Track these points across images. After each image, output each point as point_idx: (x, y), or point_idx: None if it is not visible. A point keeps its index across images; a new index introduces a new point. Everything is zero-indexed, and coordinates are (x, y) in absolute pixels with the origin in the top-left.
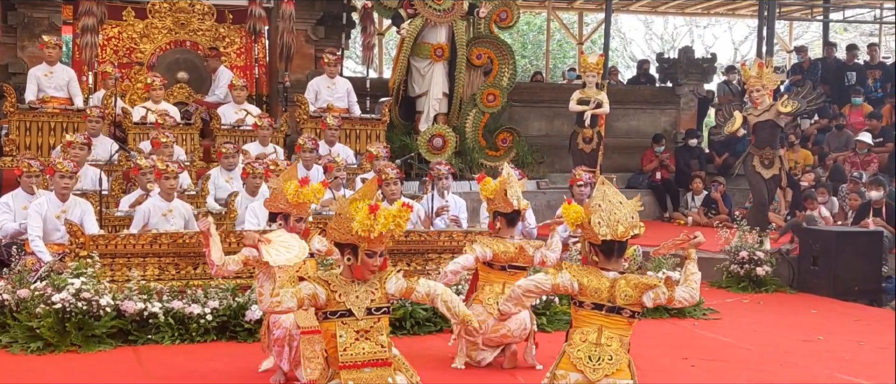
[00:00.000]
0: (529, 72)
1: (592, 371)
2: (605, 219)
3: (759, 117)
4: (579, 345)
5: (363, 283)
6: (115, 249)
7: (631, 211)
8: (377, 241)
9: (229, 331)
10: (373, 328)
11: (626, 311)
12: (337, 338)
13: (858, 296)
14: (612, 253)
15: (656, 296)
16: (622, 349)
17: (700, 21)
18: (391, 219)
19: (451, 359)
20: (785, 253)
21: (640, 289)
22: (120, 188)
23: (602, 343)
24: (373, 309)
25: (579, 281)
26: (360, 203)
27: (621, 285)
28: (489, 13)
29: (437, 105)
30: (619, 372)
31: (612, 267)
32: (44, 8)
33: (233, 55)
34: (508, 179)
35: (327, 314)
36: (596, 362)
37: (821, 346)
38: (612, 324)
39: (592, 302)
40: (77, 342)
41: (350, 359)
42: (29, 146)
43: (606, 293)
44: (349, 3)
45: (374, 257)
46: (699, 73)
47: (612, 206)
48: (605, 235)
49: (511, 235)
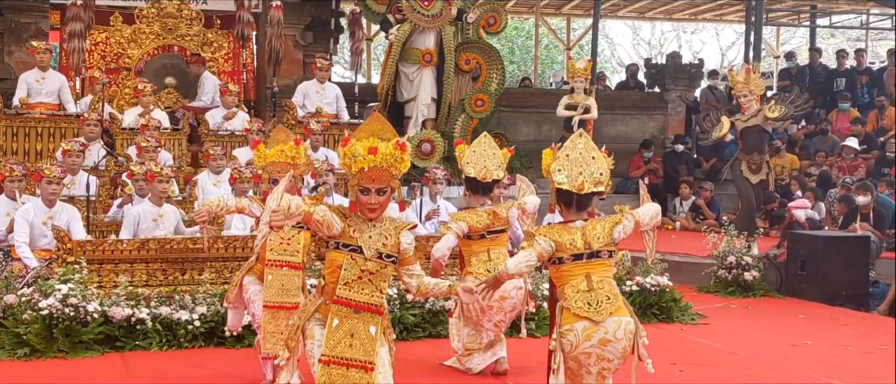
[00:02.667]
0: (517, 77)
1: (596, 313)
2: (566, 168)
3: (747, 122)
4: (574, 296)
5: (378, 226)
6: (103, 255)
7: (600, 167)
8: (369, 178)
9: (217, 337)
10: (378, 272)
11: (604, 253)
12: (341, 270)
13: (846, 300)
14: (571, 204)
15: (624, 227)
16: (614, 288)
17: (687, 26)
18: (382, 157)
19: (440, 366)
20: (773, 258)
21: (607, 227)
22: (108, 194)
23: (594, 288)
24: (383, 254)
25: (554, 239)
26: (363, 140)
27: (590, 230)
28: (477, 18)
29: (426, 110)
30: (619, 310)
31: (575, 217)
32: (31, 13)
33: (221, 60)
34: (478, 147)
35: (338, 244)
36: (596, 306)
37: (808, 351)
38: (596, 268)
39: (571, 254)
40: (64, 348)
41: (347, 296)
42: (16, 151)
43: (581, 242)
44: (337, 9)
45: (368, 194)
46: (687, 79)
47: (582, 159)
48: (561, 183)
49: (481, 203)
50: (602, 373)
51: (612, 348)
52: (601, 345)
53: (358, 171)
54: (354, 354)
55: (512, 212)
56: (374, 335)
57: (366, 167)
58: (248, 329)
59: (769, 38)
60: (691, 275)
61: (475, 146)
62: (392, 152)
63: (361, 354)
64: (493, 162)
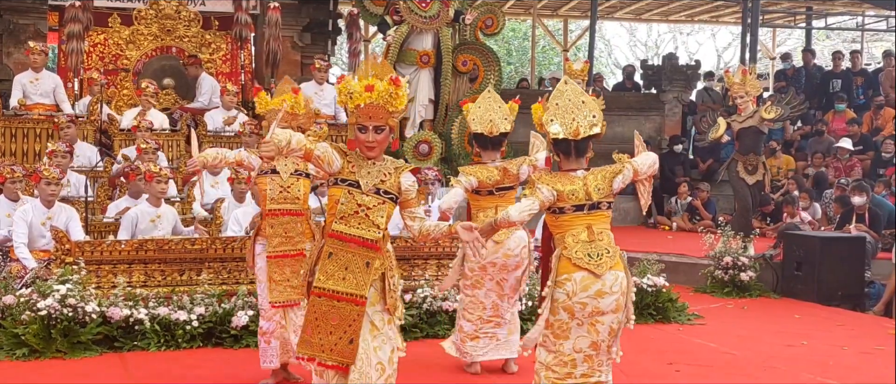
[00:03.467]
0: (515, 79)
1: (597, 266)
2: (558, 117)
3: (743, 123)
4: (574, 246)
5: (378, 164)
6: (101, 256)
7: (592, 110)
8: (366, 115)
9: (215, 338)
10: (375, 208)
11: (604, 204)
12: (339, 203)
13: (841, 301)
14: (570, 152)
15: (623, 177)
16: (612, 241)
17: (683, 28)
18: (378, 94)
19: (439, 365)
20: (769, 258)
21: (607, 178)
22: (105, 195)
23: (594, 239)
24: (382, 190)
25: (555, 188)
26: (362, 79)
27: (591, 181)
28: (475, 20)
29: (423, 111)
30: (617, 264)
31: (575, 166)
32: (29, 14)
33: (219, 62)
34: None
35: (337, 180)
36: (597, 258)
37: (804, 351)
38: (596, 219)
39: (572, 205)
40: (63, 349)
41: (343, 230)
42: (14, 152)
43: (582, 192)
44: (335, 10)
45: (366, 132)
46: (683, 80)
47: (571, 105)
48: (556, 133)
49: (491, 159)
50: (594, 325)
51: (608, 300)
52: (597, 296)
53: (355, 108)
54: (347, 288)
55: (523, 168)
56: (368, 269)
57: (362, 104)
58: (246, 330)
59: (765, 40)
60: (688, 276)
61: (479, 102)
62: (387, 88)
63: (353, 288)
64: (499, 114)
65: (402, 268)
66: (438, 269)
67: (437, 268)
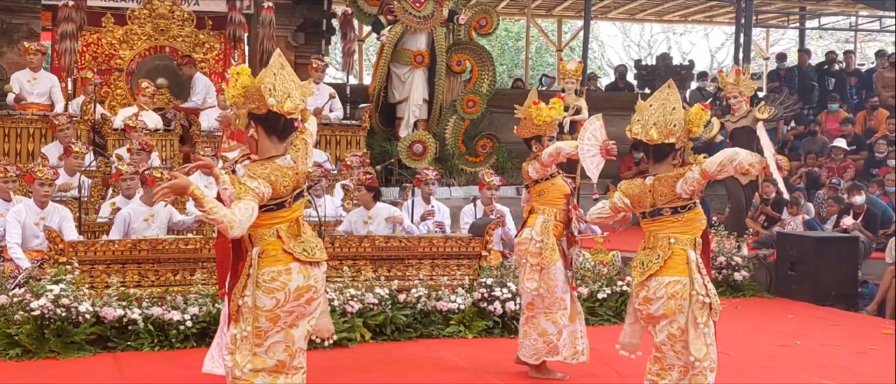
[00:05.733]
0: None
1: (640, 274)
2: (642, 118)
3: (737, 124)
4: (639, 253)
5: None
6: (95, 256)
7: (680, 118)
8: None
9: (209, 338)
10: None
11: (666, 210)
12: None
13: (835, 300)
14: (648, 154)
15: (685, 180)
16: (669, 247)
17: (677, 28)
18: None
19: (434, 365)
20: (762, 258)
21: (670, 183)
22: (99, 194)
23: (654, 246)
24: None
25: (628, 194)
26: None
27: (656, 187)
28: (469, 20)
29: (418, 111)
30: (664, 269)
31: (656, 171)
32: (22, 14)
33: (212, 61)
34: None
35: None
36: (643, 266)
37: (798, 351)
38: (659, 227)
39: (641, 211)
40: (56, 349)
41: None
42: (7, 152)
43: (648, 198)
44: (329, 10)
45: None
46: (677, 80)
47: (662, 109)
48: (636, 134)
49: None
50: (653, 328)
51: (654, 306)
52: (645, 303)
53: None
54: None
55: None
56: None
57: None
58: None
59: (759, 40)
60: None
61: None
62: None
63: None
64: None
65: (396, 268)
66: (432, 269)
67: (432, 267)
